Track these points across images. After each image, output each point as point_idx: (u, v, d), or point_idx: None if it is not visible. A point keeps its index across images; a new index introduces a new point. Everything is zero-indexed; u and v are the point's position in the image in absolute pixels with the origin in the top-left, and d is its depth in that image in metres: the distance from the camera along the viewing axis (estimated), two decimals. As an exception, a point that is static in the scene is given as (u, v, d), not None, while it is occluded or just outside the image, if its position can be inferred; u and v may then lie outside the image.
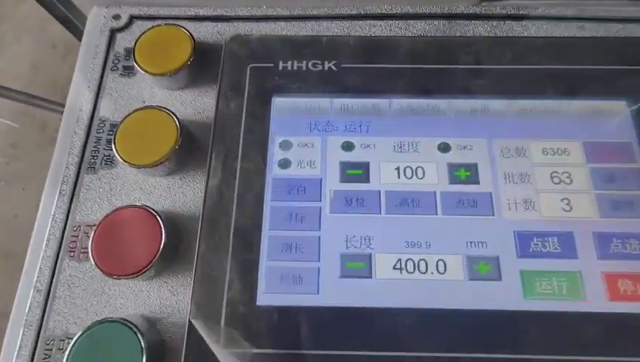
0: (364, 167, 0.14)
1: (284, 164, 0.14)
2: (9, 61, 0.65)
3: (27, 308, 0.13)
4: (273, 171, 0.14)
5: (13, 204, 0.55)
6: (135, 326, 0.12)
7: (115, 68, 0.17)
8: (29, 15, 0.66)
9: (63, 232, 0.14)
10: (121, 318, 0.12)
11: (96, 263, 0.13)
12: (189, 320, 0.12)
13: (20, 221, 0.55)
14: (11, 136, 0.60)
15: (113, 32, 0.17)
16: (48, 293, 0.13)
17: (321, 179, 0.14)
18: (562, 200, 0.14)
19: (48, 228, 0.14)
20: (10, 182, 0.57)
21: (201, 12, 0.17)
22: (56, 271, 0.13)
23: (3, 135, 0.59)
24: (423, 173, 0.14)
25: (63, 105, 0.17)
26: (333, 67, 0.16)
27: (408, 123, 0.15)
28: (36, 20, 0.65)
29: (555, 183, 0.14)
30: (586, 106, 0.15)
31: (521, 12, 0.17)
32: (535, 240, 0.13)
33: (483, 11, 0.17)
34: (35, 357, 0.12)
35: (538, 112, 0.15)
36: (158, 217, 0.13)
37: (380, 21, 0.17)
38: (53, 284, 0.13)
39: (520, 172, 0.14)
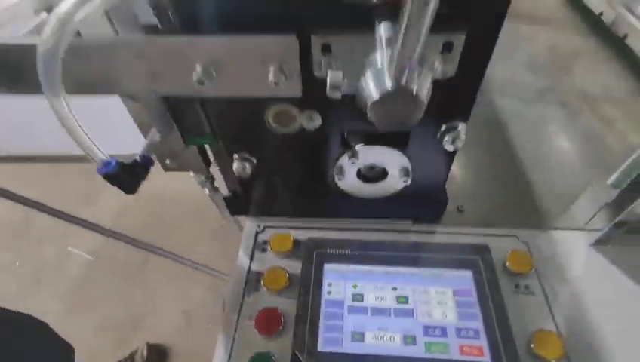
0: (361, 295, 0.35)
1: (329, 291, 0.35)
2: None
3: None
4: (324, 295, 0.35)
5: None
6: None
7: (259, 250, 0.40)
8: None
9: None
10: None
11: None
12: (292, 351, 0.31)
13: None
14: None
15: (257, 233, 0.41)
16: None
17: (343, 300, 0.35)
18: (442, 312, 0.33)
19: None
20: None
21: (297, 224, 0.41)
22: None
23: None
24: (386, 299, 0.34)
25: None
26: (348, 252, 0.38)
27: (383, 276, 0.36)
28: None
29: (440, 305, 0.34)
30: (452, 272, 0.36)
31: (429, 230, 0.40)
32: (430, 329, 0.32)
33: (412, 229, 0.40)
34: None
35: (430, 275, 0.36)
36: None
37: (373, 232, 0.40)
38: None
39: (425, 300, 0.34)
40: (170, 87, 0.25)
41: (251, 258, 0.38)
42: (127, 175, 0.25)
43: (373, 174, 0.34)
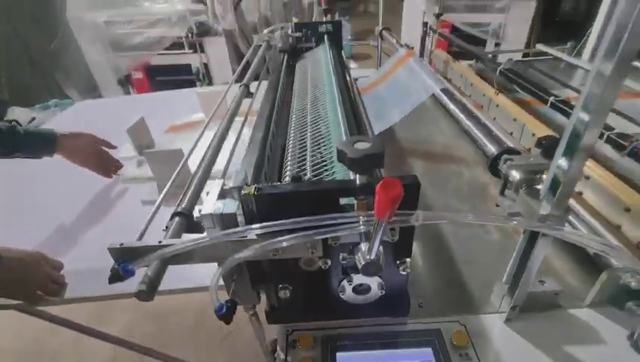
0: (364, 372, 0.53)
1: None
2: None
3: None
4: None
5: None
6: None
7: (290, 347, 0.58)
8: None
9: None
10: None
11: None
12: None
13: None
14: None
15: (287, 335, 0.59)
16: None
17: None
18: None
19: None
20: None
21: (314, 326, 0.60)
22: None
23: None
24: None
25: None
26: (351, 342, 0.57)
27: (373, 358, 0.55)
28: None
29: None
30: (418, 349, 0.55)
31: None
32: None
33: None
34: None
35: (403, 353, 0.55)
36: None
37: (366, 327, 0.60)
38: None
39: None
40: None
41: (286, 353, 0.56)
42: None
43: (362, 289, 0.56)
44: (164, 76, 3.06)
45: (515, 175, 0.51)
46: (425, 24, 3.90)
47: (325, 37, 1.51)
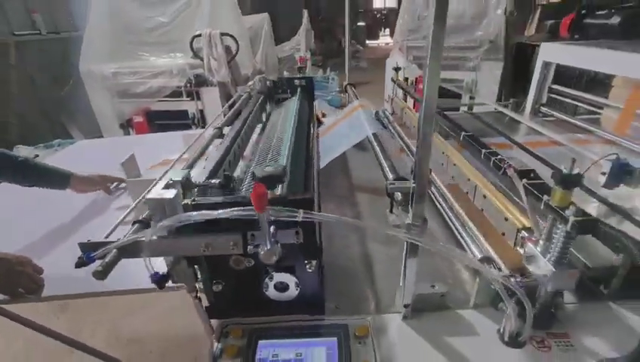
0: (277, 355, 0.65)
1: (260, 356, 0.65)
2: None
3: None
4: (257, 357, 0.64)
5: None
6: None
7: (224, 336, 0.69)
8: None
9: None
10: None
11: None
12: None
13: None
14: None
15: (222, 329, 0.71)
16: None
17: (267, 357, 0.64)
18: (319, 359, 0.63)
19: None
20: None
21: (244, 321, 0.72)
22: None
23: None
24: (291, 358, 0.64)
25: None
26: (273, 333, 0.69)
27: (290, 345, 0.67)
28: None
29: (319, 355, 0.64)
30: (327, 339, 0.67)
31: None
32: (312, 368, 0.62)
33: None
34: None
35: (315, 341, 0.67)
36: None
37: (287, 322, 0.72)
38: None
39: (311, 353, 0.64)
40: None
41: (219, 341, 0.68)
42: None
43: (282, 286, 0.69)
44: (163, 120, 3.32)
45: (398, 195, 0.67)
46: (405, 79, 4.27)
47: (299, 90, 1.75)
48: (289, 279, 0.68)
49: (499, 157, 0.85)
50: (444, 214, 0.97)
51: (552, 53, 1.67)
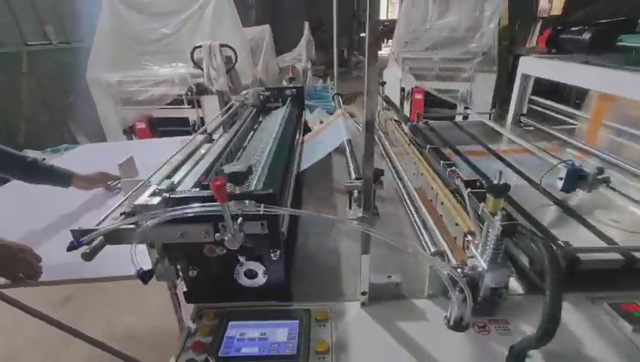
0: (244, 333, 0.72)
1: (229, 334, 0.72)
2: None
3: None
4: (227, 335, 0.72)
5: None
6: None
7: (199, 318, 0.77)
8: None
9: None
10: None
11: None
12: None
13: None
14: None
15: (198, 311, 0.79)
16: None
17: (235, 336, 0.72)
18: (281, 337, 0.71)
19: None
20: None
21: (218, 306, 0.80)
22: None
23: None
24: (256, 338, 0.72)
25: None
26: (242, 316, 0.77)
27: (257, 326, 0.74)
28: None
29: (281, 335, 0.72)
30: (290, 321, 0.75)
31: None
32: (274, 344, 0.70)
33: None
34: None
35: (279, 324, 0.75)
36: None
37: (256, 307, 0.80)
38: None
39: (274, 333, 0.72)
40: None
41: (194, 322, 0.76)
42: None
43: (252, 274, 0.78)
44: (165, 127, 3.44)
45: (355, 193, 0.75)
46: (402, 89, 4.35)
47: (289, 99, 1.85)
48: (257, 267, 0.76)
49: (452, 168, 0.93)
50: (410, 216, 1.05)
51: (530, 66, 1.76)
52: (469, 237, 0.79)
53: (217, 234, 0.66)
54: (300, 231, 1.08)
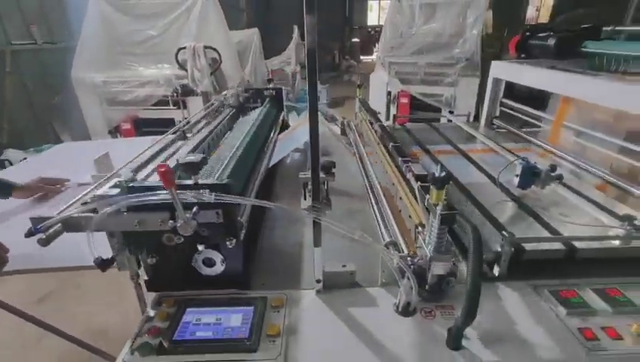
0: (200, 319, 0.75)
1: (186, 319, 0.75)
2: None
3: None
4: (183, 321, 0.74)
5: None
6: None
7: (158, 305, 0.79)
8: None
9: None
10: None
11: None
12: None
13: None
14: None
15: (158, 298, 0.82)
16: None
17: (191, 321, 0.74)
18: (235, 322, 0.74)
19: None
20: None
21: (177, 294, 0.83)
22: None
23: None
24: (210, 323, 0.75)
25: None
26: (199, 303, 0.79)
27: (213, 312, 0.77)
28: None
29: (235, 321, 0.74)
30: (245, 307, 0.78)
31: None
32: (228, 329, 0.72)
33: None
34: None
35: (235, 309, 0.77)
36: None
37: (215, 296, 0.82)
38: None
39: (228, 318, 0.75)
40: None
41: (153, 309, 0.78)
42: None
43: (210, 262, 0.80)
44: (150, 127, 3.45)
45: (309, 184, 0.78)
46: (389, 93, 4.42)
47: (267, 99, 1.89)
48: (215, 255, 0.79)
49: (408, 164, 0.97)
50: (372, 210, 1.09)
51: (501, 71, 1.82)
52: (420, 229, 0.83)
53: (171, 221, 0.68)
54: (267, 225, 1.11)
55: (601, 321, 0.72)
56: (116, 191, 0.72)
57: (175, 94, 3.23)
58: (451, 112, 4.01)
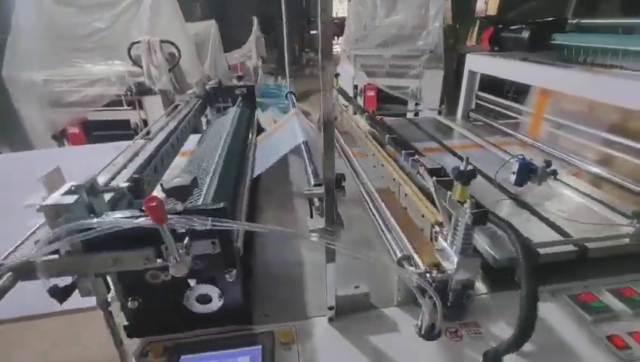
0: (200, 369, 0.63)
1: (182, 372, 0.63)
2: None
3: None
4: None
5: None
6: None
7: (144, 356, 0.67)
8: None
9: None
10: None
11: None
12: None
13: None
14: None
15: (143, 347, 0.69)
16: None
17: None
18: (242, 369, 0.63)
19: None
20: None
21: (166, 338, 0.70)
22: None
23: None
24: (214, 369, 0.64)
25: None
26: (197, 348, 0.67)
27: (214, 357, 0.66)
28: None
29: (241, 366, 0.64)
30: (251, 347, 0.67)
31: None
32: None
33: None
34: None
35: (239, 351, 0.67)
36: None
37: (207, 336, 0.71)
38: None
39: (234, 365, 0.64)
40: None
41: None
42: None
43: (205, 299, 0.68)
44: (102, 131, 3.13)
45: (316, 201, 0.69)
46: (355, 86, 4.37)
47: (239, 98, 1.75)
48: (211, 290, 0.67)
49: (415, 157, 0.90)
50: (372, 217, 1.01)
51: (476, 63, 1.82)
52: (437, 228, 0.76)
53: (160, 259, 0.56)
54: (258, 242, 1.00)
55: (625, 326, 0.70)
56: (72, 198, 0.57)
57: (129, 93, 2.95)
58: (417, 104, 4.06)
